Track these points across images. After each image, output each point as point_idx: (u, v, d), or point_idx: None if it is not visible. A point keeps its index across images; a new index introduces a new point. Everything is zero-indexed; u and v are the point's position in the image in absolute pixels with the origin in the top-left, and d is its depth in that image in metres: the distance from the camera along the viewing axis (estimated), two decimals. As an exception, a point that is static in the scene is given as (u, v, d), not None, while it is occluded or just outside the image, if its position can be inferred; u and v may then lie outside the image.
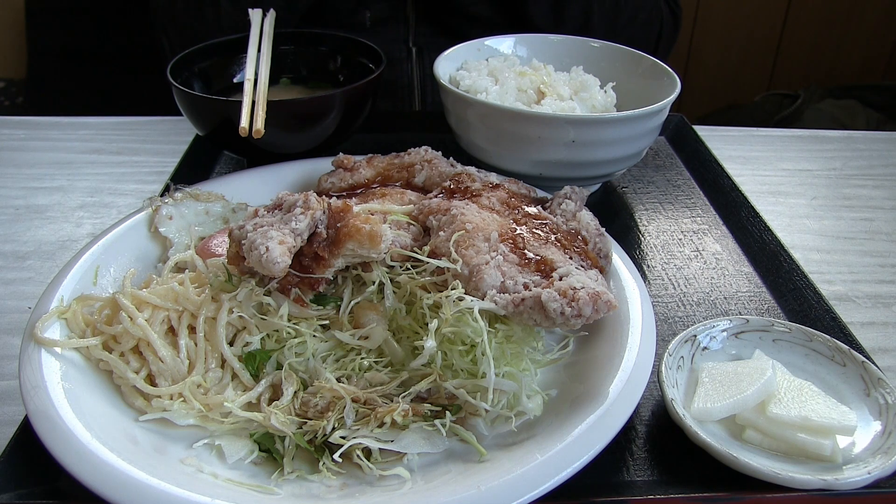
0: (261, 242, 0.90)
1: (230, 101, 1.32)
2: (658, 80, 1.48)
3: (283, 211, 0.98)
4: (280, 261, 0.89)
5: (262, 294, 0.96)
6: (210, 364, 0.93)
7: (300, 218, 0.94)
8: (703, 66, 3.66)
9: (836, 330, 1.11)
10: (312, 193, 1.00)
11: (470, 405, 0.89)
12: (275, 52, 1.49)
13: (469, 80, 1.47)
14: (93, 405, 0.87)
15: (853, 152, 1.83)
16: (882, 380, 0.94)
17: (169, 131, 1.85)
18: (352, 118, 1.45)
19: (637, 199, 1.53)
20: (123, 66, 2.85)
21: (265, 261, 0.88)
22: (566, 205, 1.16)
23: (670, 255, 1.35)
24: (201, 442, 0.88)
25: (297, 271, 0.95)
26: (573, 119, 1.29)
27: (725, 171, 1.58)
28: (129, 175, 1.65)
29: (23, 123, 1.89)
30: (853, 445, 0.88)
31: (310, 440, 0.86)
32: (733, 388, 0.92)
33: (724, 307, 1.21)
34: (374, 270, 1.00)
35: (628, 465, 0.91)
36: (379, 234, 0.94)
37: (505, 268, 0.99)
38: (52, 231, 1.43)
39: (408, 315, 0.99)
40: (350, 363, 0.95)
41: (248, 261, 0.91)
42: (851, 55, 3.63)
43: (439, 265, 0.98)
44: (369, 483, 0.83)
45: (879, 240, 1.46)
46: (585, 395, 0.89)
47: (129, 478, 0.75)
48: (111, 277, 1.08)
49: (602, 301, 0.90)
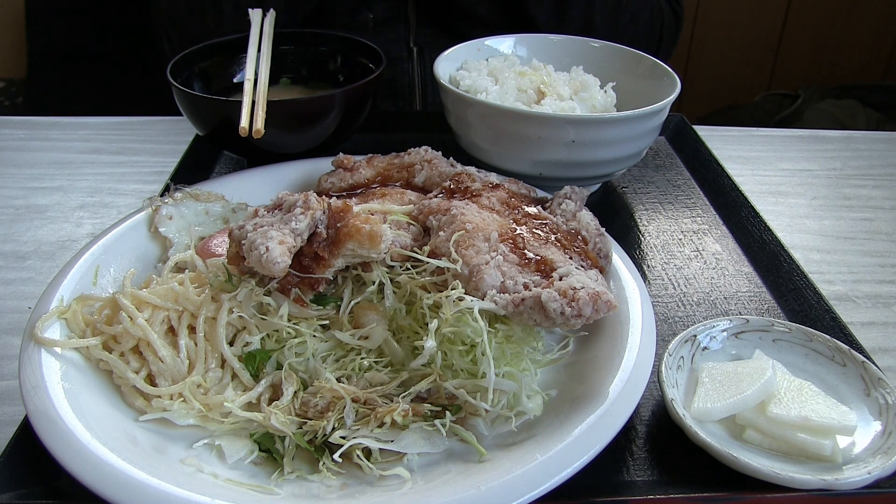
0: (261, 242, 0.90)
1: (230, 101, 1.32)
2: (658, 80, 1.48)
3: (283, 211, 0.98)
4: (280, 261, 0.89)
5: (262, 294, 0.96)
6: (210, 364, 0.93)
7: (300, 218, 0.94)
8: (703, 66, 3.66)
9: (836, 330, 1.11)
10: (312, 193, 1.00)
11: (470, 405, 0.89)
12: (275, 52, 1.49)
13: (469, 80, 1.47)
14: (93, 405, 0.87)
15: (853, 152, 1.83)
16: (882, 380, 0.94)
17: (169, 131, 1.85)
18: (352, 118, 1.45)
19: (637, 199, 1.53)
20: (123, 66, 2.85)
21: (265, 261, 0.88)
22: (566, 205, 1.16)
23: (670, 255, 1.35)
24: (201, 442, 0.88)
25: (296, 271, 0.95)
26: (573, 119, 1.29)
27: (725, 171, 1.58)
28: (129, 175, 1.65)
29: (23, 123, 1.89)
30: (853, 445, 0.88)
31: (310, 440, 0.86)
32: (733, 388, 0.92)
33: (724, 307, 1.21)
34: (374, 270, 1.00)
35: (628, 465, 0.91)
36: (379, 234, 0.94)
37: (505, 268, 0.99)
38: (52, 231, 1.43)
39: (408, 315, 0.99)
40: (350, 363, 0.95)
41: (248, 261, 0.91)
42: (851, 55, 3.63)
43: (439, 265, 0.98)
44: (369, 483, 0.83)
45: (879, 240, 1.46)
46: (585, 395, 0.89)
47: (129, 478, 0.75)
48: (111, 277, 1.08)
49: (602, 301, 0.90)
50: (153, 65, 1.89)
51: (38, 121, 1.90)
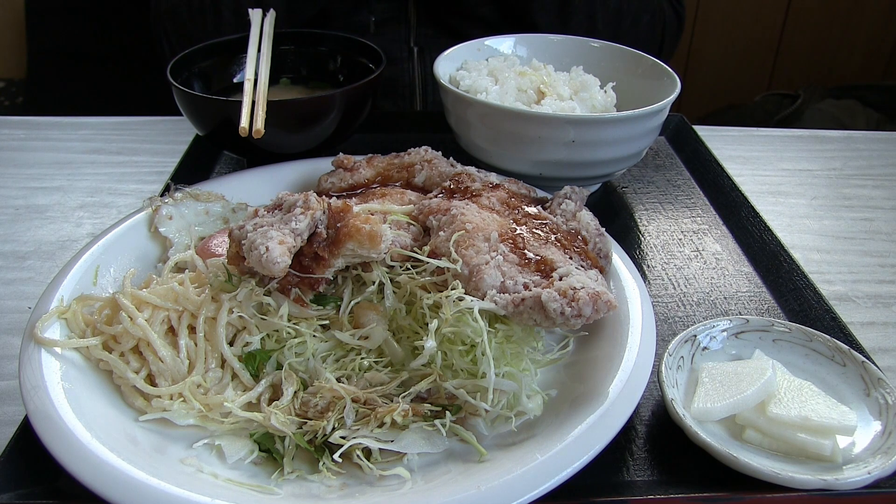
0: (261, 242, 0.90)
1: (230, 101, 1.32)
2: (658, 80, 1.48)
3: (283, 211, 0.98)
4: (280, 261, 0.89)
5: (261, 294, 0.96)
6: (210, 364, 0.93)
7: (300, 218, 0.94)
8: (703, 66, 3.66)
9: (836, 330, 1.11)
10: (312, 193, 1.00)
11: (470, 405, 0.89)
12: (275, 52, 1.49)
13: (469, 80, 1.47)
14: (93, 405, 0.87)
15: (853, 152, 1.83)
16: (882, 380, 0.94)
17: (169, 131, 1.85)
18: (352, 118, 1.45)
19: (637, 199, 1.53)
20: (123, 66, 2.85)
21: (265, 261, 0.88)
22: (566, 205, 1.16)
23: (670, 255, 1.35)
24: (201, 442, 0.88)
25: (297, 271, 0.95)
26: (573, 119, 1.29)
27: (725, 171, 1.58)
28: (129, 175, 1.65)
29: (23, 123, 1.89)
30: (853, 445, 0.88)
31: (310, 440, 0.86)
32: (733, 388, 0.92)
33: (724, 307, 1.21)
34: (374, 270, 1.00)
35: (628, 465, 0.91)
36: (379, 234, 0.94)
37: (505, 268, 0.99)
38: (52, 231, 1.43)
39: (408, 315, 0.99)
40: (350, 363, 0.95)
41: (248, 261, 0.91)
42: (851, 55, 3.63)
43: (439, 265, 0.98)
44: (369, 483, 0.83)
45: (879, 240, 1.46)
46: (585, 395, 0.89)
47: (129, 478, 0.75)
48: (111, 277, 1.08)
49: (602, 301, 0.90)
50: (153, 65, 1.89)
51: (38, 121, 1.90)
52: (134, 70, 2.69)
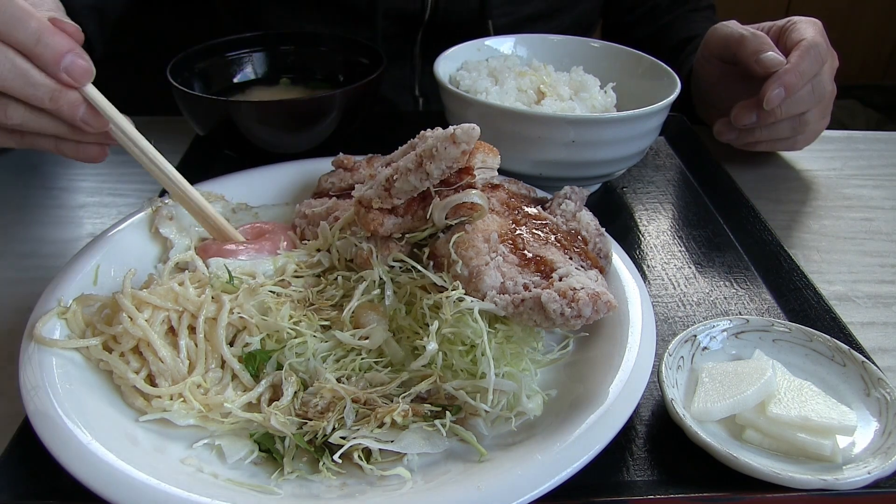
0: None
1: (230, 101, 1.33)
2: (658, 80, 1.48)
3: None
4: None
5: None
6: (210, 364, 0.93)
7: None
8: (703, 66, 3.65)
9: (836, 330, 1.11)
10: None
11: (470, 405, 0.89)
12: (275, 52, 1.49)
13: (469, 80, 1.47)
14: (93, 405, 0.87)
15: (853, 152, 1.83)
16: (882, 380, 0.94)
17: (169, 131, 1.84)
18: (352, 118, 1.45)
19: (637, 199, 1.53)
20: (123, 66, 2.84)
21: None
22: (566, 205, 1.16)
23: (670, 255, 1.35)
24: (201, 442, 0.88)
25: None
26: (573, 119, 1.29)
27: (725, 171, 1.58)
28: (129, 175, 1.65)
29: (23, 123, 1.88)
30: (853, 445, 0.88)
31: (310, 440, 0.86)
32: (733, 388, 0.92)
33: (724, 307, 1.21)
34: (374, 269, 1.00)
35: (628, 465, 0.91)
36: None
37: (505, 268, 0.99)
38: (52, 231, 1.43)
39: (408, 315, 0.99)
40: (350, 363, 0.95)
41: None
42: (851, 55, 3.63)
43: (437, 281, 0.98)
44: (369, 483, 0.83)
45: (879, 240, 1.46)
46: (585, 395, 0.89)
47: (129, 478, 0.75)
48: (111, 277, 1.08)
49: (602, 301, 0.90)
50: (153, 65, 1.89)
51: (38, 121, 1.89)
52: (134, 70, 2.68)
